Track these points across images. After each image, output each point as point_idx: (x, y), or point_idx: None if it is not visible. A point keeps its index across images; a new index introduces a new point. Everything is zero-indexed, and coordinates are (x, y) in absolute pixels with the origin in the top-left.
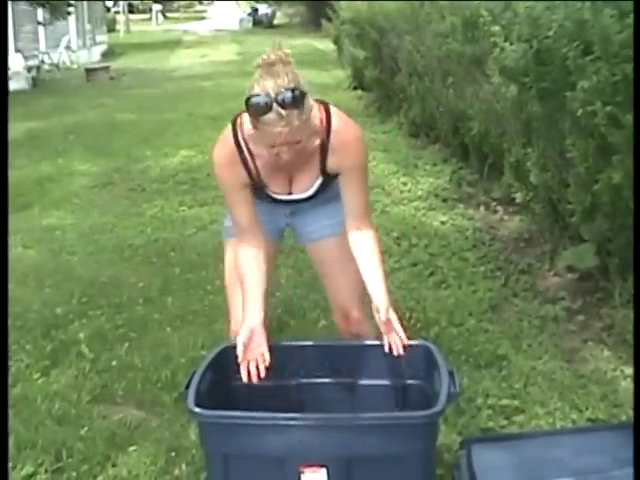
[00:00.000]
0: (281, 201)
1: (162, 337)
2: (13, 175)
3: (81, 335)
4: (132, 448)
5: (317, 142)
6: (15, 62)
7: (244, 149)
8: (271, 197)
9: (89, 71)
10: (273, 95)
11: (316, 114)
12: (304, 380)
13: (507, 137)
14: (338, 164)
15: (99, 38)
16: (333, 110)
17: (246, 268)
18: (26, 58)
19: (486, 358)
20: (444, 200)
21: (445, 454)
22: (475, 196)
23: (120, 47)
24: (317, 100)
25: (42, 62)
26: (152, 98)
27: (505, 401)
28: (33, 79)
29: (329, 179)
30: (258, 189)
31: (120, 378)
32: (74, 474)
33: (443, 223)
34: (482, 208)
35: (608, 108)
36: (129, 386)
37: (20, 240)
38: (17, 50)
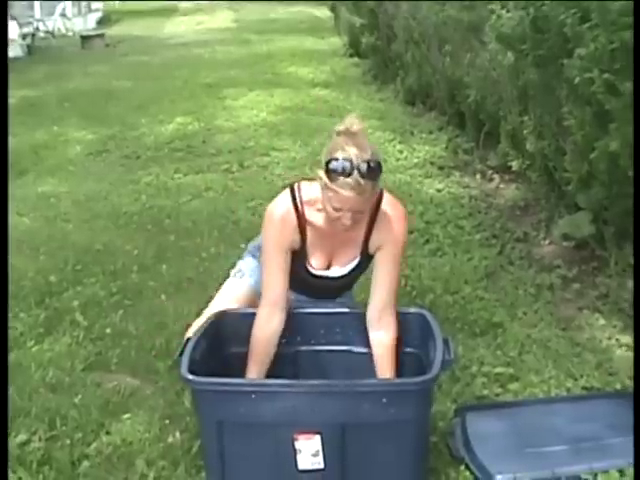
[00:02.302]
0: (313, 281)
1: (157, 304)
2: (9, 142)
3: (75, 303)
4: (126, 416)
5: (366, 218)
6: (10, 30)
7: (300, 212)
8: (308, 272)
9: (84, 38)
10: (355, 163)
11: (377, 190)
12: (299, 347)
13: (503, 105)
14: (380, 239)
15: (94, 5)
16: (385, 191)
17: (265, 338)
18: (21, 26)
19: (481, 326)
20: (440, 168)
21: (439, 421)
22: (471, 164)
23: (116, 14)
24: None
25: (37, 30)
26: (147, 65)
27: (500, 369)
28: (28, 47)
29: (365, 260)
30: (297, 262)
31: (114, 346)
32: (68, 442)
33: (439, 191)
34: (478, 176)
35: (605, 76)
36: (123, 354)
37: (15, 207)
38: (12, 18)
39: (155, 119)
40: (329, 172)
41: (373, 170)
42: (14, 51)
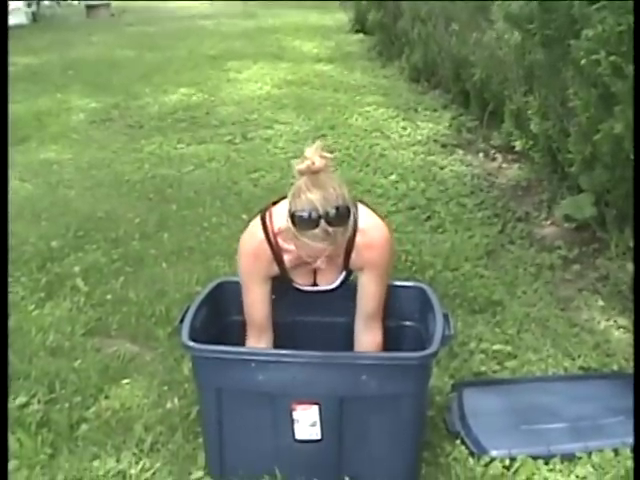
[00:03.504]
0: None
1: (157, 272)
2: (11, 109)
3: (76, 269)
4: (125, 381)
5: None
6: None
7: (273, 244)
8: (295, 289)
9: (89, 8)
10: (321, 211)
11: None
12: (298, 318)
13: (509, 84)
14: (361, 261)
15: None
16: (362, 209)
17: None
18: None
19: (480, 303)
20: (443, 146)
21: (437, 396)
22: (474, 143)
23: None
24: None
25: None
26: (152, 36)
27: (498, 346)
28: (33, 14)
29: (351, 273)
30: (283, 283)
31: (115, 312)
32: (67, 405)
33: (442, 168)
34: (481, 155)
35: (612, 58)
36: (123, 320)
37: (17, 173)
38: None
39: (159, 89)
40: (295, 224)
41: (341, 216)
42: (19, 18)
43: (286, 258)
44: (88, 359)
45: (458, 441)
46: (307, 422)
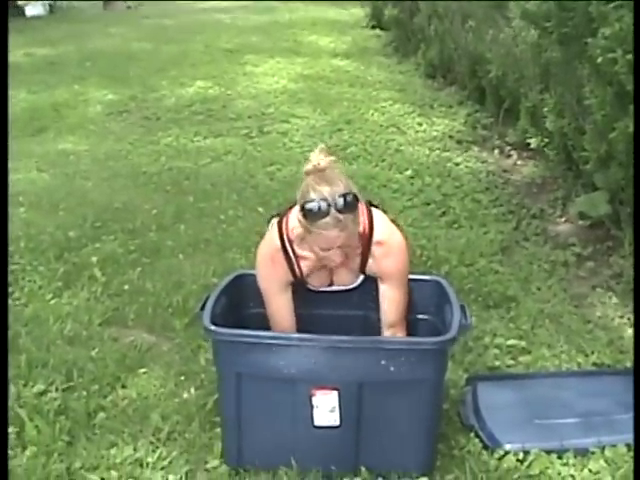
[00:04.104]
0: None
1: (174, 264)
2: (29, 100)
3: (94, 259)
4: (142, 370)
5: (359, 249)
6: None
7: (289, 250)
8: (312, 290)
9: (106, 0)
10: (330, 200)
11: (359, 220)
12: (316, 310)
13: (525, 82)
14: (377, 270)
15: None
16: (377, 216)
17: None
18: None
19: (495, 298)
20: (459, 142)
21: (451, 390)
22: (490, 140)
23: None
24: (363, 202)
25: None
26: (169, 28)
27: (512, 341)
28: (50, 5)
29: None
30: (299, 287)
31: (132, 302)
32: (84, 393)
33: (457, 164)
34: (496, 152)
35: (629, 56)
36: (140, 310)
37: (35, 164)
38: None
39: (176, 82)
40: (306, 216)
41: (350, 203)
42: (36, 9)
43: (303, 264)
44: (105, 348)
45: (472, 434)
46: (326, 408)
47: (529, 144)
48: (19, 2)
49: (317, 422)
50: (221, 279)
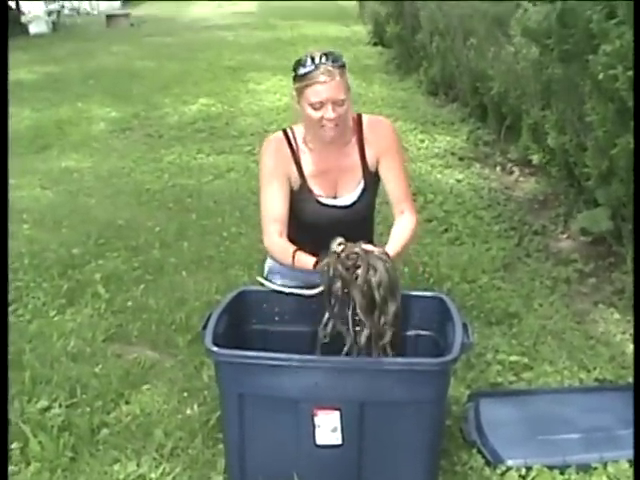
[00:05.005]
0: (323, 212)
1: (177, 280)
2: (33, 117)
3: (97, 276)
4: (145, 387)
5: (354, 139)
6: (36, 6)
7: (292, 142)
8: (317, 202)
9: (109, 17)
10: (318, 54)
11: (351, 112)
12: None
13: (526, 98)
14: (376, 151)
15: None
16: (363, 114)
17: (289, 249)
18: (47, 2)
19: (497, 315)
20: (461, 159)
21: (453, 406)
22: (492, 156)
23: None
24: None
25: (62, 7)
26: (171, 46)
27: (514, 358)
28: (53, 23)
29: (370, 183)
30: (303, 195)
31: (135, 319)
32: (88, 409)
33: (459, 181)
34: (498, 168)
35: (630, 73)
36: (144, 327)
37: (38, 181)
38: None
39: (179, 99)
40: (299, 76)
41: (336, 57)
42: (39, 27)
43: (304, 162)
44: (109, 365)
45: (475, 450)
46: (328, 427)
47: (531, 161)
48: (23, 20)
49: (319, 441)
50: (224, 296)
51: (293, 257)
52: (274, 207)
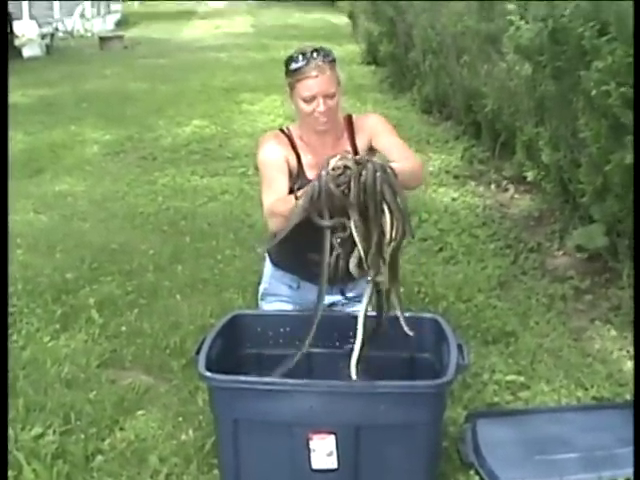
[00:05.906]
0: None
1: (172, 304)
2: (26, 141)
3: (91, 300)
4: (140, 412)
5: (346, 134)
6: (29, 29)
7: (288, 135)
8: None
9: (103, 39)
10: (309, 49)
11: (341, 108)
12: (313, 349)
13: (520, 116)
14: (367, 137)
15: (113, 7)
16: (353, 114)
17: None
18: (40, 25)
19: (493, 334)
20: (455, 177)
21: (450, 427)
22: (486, 174)
23: (134, 16)
24: None
25: (56, 30)
26: (165, 68)
27: (511, 377)
28: (47, 46)
29: None
30: (299, 181)
31: (129, 344)
32: (82, 436)
33: (454, 200)
34: (493, 186)
35: (622, 89)
36: (138, 352)
37: (32, 205)
38: (31, 17)
39: (172, 121)
40: (291, 71)
41: (327, 52)
42: (33, 50)
43: (301, 150)
44: (103, 391)
45: (472, 472)
46: (324, 452)
47: (526, 178)
48: (16, 43)
49: (315, 466)
50: (218, 320)
51: (296, 198)
52: (276, 185)
